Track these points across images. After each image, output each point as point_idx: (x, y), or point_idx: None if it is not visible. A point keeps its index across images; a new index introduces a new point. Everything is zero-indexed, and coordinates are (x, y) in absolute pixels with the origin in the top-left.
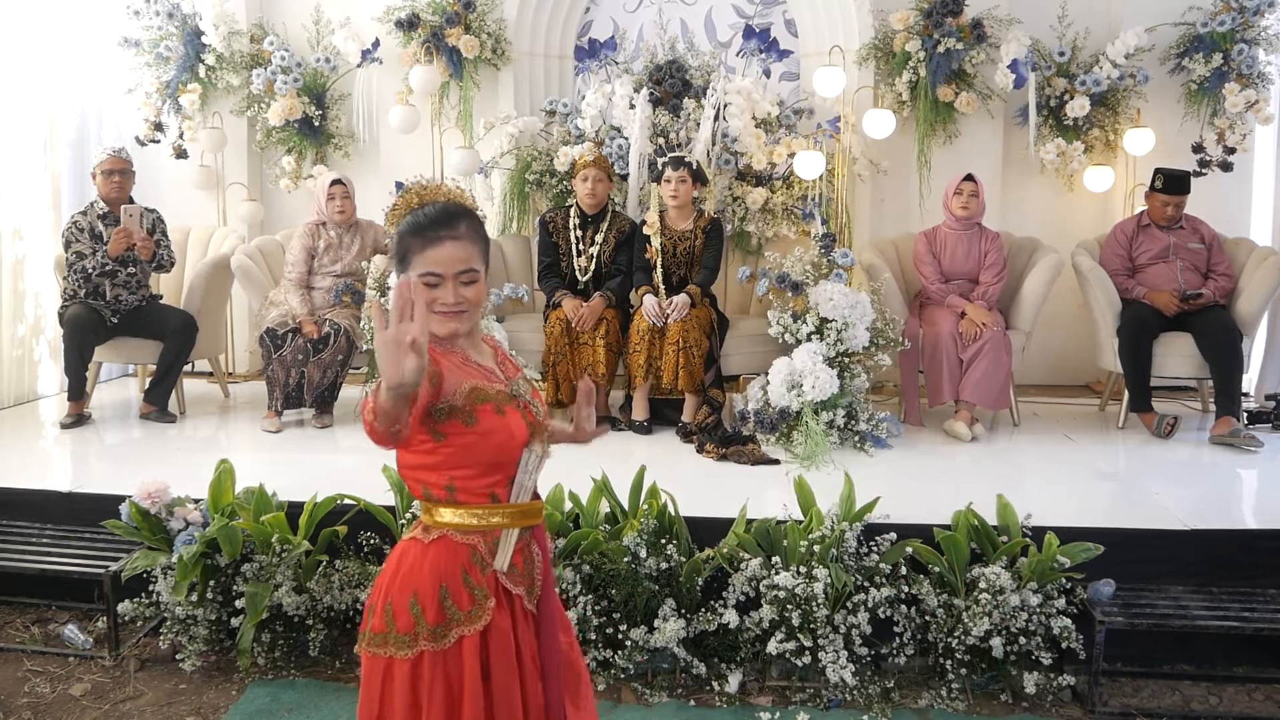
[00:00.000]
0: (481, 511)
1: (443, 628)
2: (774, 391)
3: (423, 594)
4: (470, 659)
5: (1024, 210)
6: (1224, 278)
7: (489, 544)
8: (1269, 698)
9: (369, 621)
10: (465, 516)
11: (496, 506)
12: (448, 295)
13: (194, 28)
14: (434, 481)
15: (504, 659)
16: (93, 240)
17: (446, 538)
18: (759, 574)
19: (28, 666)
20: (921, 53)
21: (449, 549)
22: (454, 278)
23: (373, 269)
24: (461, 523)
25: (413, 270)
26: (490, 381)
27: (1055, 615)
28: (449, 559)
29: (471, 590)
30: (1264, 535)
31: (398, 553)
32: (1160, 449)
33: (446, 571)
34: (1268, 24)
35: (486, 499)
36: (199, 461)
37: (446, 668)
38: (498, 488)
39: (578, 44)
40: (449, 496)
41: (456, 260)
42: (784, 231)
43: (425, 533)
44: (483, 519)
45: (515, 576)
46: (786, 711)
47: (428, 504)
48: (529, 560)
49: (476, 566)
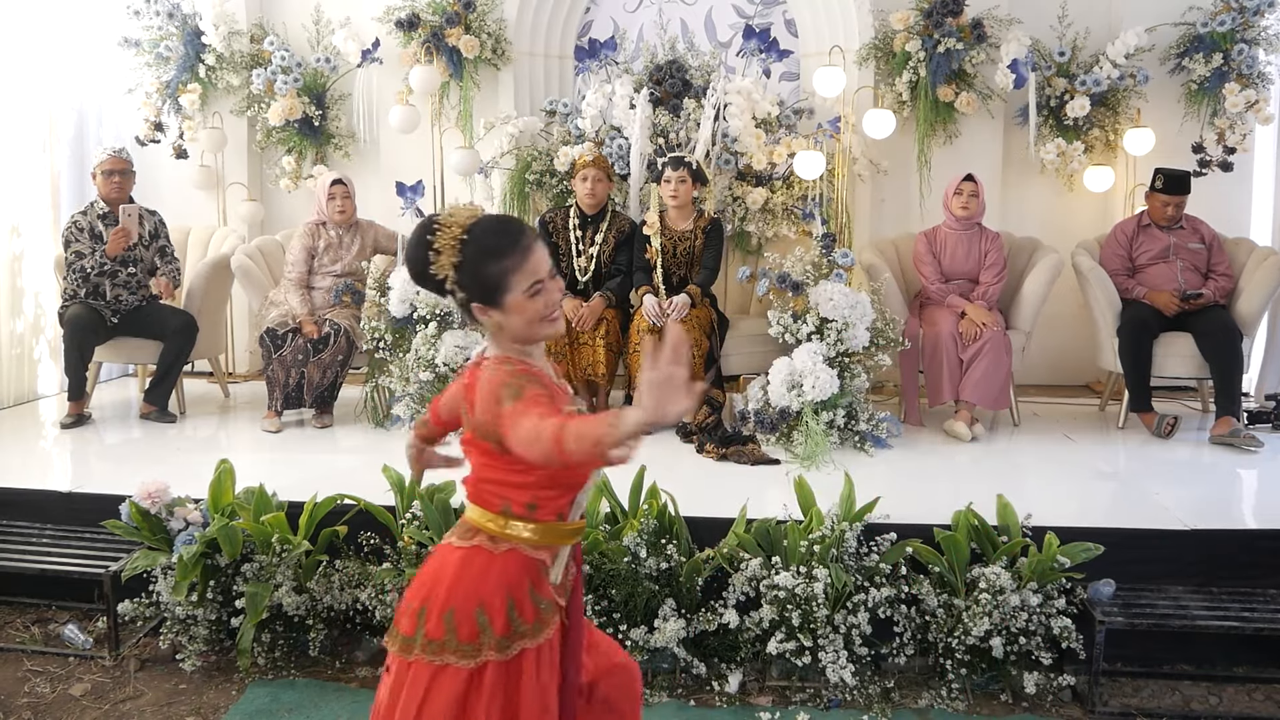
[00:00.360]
0: (561, 528)
1: (507, 639)
2: (774, 391)
3: (490, 605)
4: (530, 670)
5: (1024, 210)
6: (1224, 278)
7: (551, 559)
8: (1269, 698)
9: (417, 625)
10: (539, 533)
11: (562, 524)
12: (554, 294)
13: (194, 28)
14: (518, 499)
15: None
16: (92, 240)
17: (517, 551)
18: (759, 574)
19: (28, 666)
20: (921, 53)
21: (519, 562)
22: (549, 277)
23: (373, 269)
24: (535, 539)
25: (514, 290)
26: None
27: (1055, 615)
28: (518, 572)
29: (538, 604)
30: (1264, 535)
31: (457, 559)
32: (1160, 449)
33: (515, 584)
34: (1268, 24)
35: (556, 516)
36: (199, 461)
37: (507, 679)
38: (565, 508)
39: (578, 44)
40: (529, 513)
41: (546, 259)
42: (784, 231)
43: (493, 543)
44: (554, 536)
45: (559, 589)
46: (786, 711)
47: (501, 517)
48: (567, 574)
49: (545, 580)
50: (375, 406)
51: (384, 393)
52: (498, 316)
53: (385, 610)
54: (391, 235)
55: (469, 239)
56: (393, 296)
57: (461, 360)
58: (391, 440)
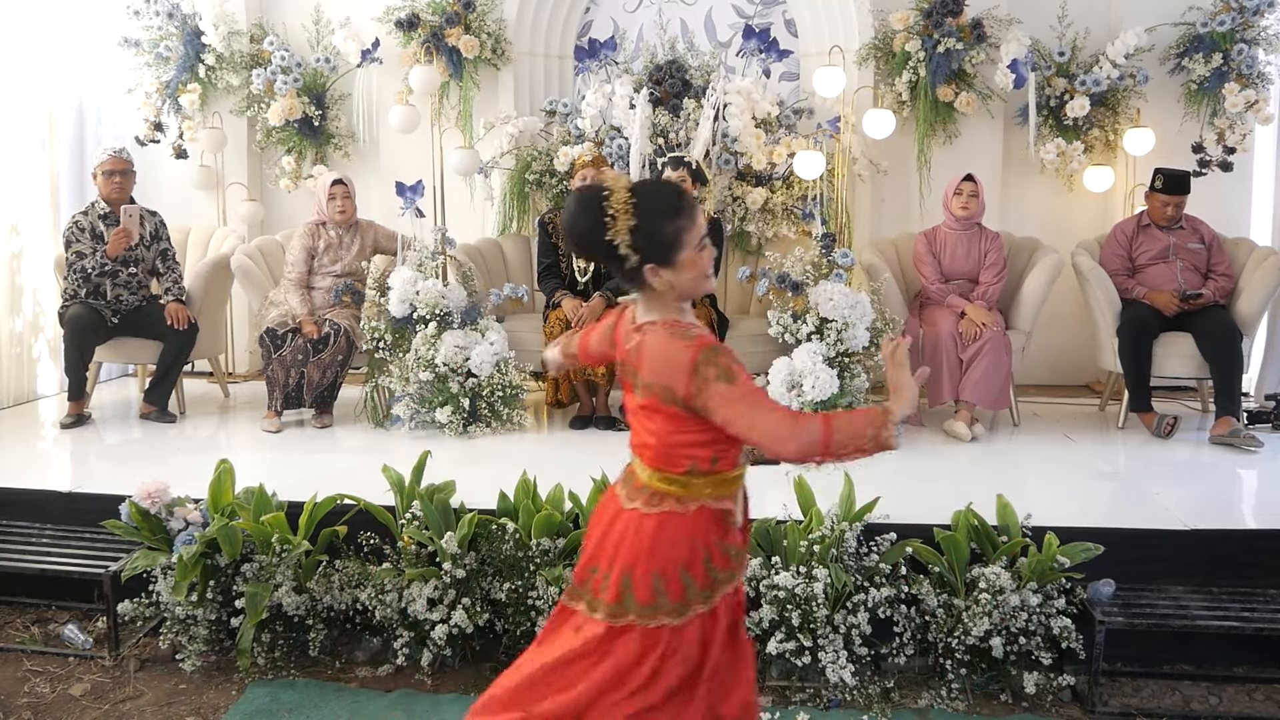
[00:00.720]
0: (732, 475)
1: (709, 590)
2: (774, 391)
3: (691, 564)
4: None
5: (1024, 210)
6: (1224, 278)
7: (732, 503)
8: (1269, 698)
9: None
10: (720, 483)
11: (738, 468)
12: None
13: (194, 28)
14: (704, 455)
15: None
16: (93, 240)
17: (705, 506)
18: (759, 574)
19: (28, 666)
20: (921, 53)
21: (708, 517)
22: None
23: (372, 269)
24: (718, 490)
25: (687, 247)
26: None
27: (1055, 615)
28: (708, 527)
29: (729, 552)
30: (1264, 535)
31: (652, 526)
32: (1160, 449)
33: (707, 537)
34: (1268, 24)
35: (733, 465)
36: (199, 461)
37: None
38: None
39: (578, 44)
40: (712, 467)
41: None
42: (784, 231)
43: (682, 504)
44: (732, 483)
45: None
46: (786, 711)
47: (685, 477)
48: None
49: (730, 528)
50: (375, 406)
51: (384, 393)
52: (668, 275)
53: (385, 610)
54: (391, 235)
55: (639, 202)
56: (392, 296)
57: (462, 360)
58: (391, 440)
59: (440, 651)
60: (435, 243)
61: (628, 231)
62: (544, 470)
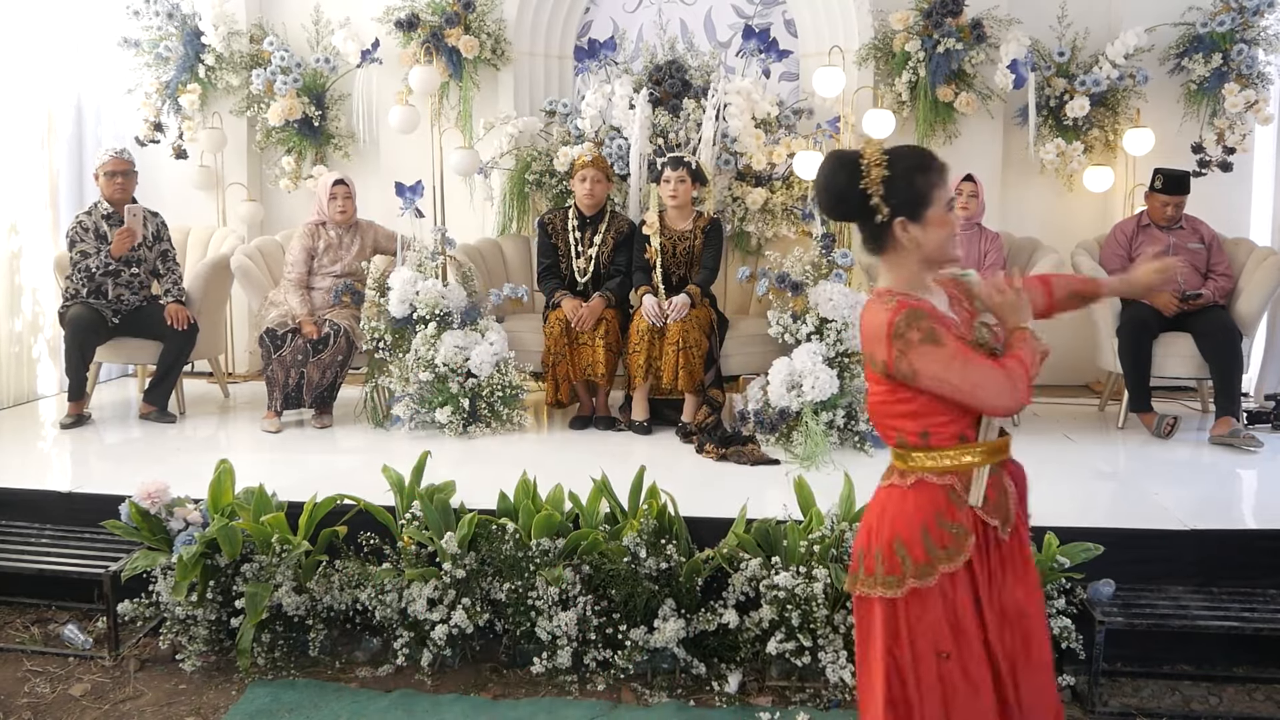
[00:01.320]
0: (953, 453)
1: (927, 566)
2: (774, 392)
3: (906, 537)
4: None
5: (1024, 210)
6: (1224, 278)
7: (964, 482)
8: (1269, 698)
9: (860, 565)
10: (939, 459)
11: (966, 446)
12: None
13: (194, 28)
14: (910, 429)
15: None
16: (97, 240)
17: (924, 481)
18: (759, 574)
19: (28, 666)
20: (921, 53)
21: (927, 492)
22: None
23: (372, 269)
24: (936, 465)
25: (937, 204)
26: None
27: (1055, 615)
28: (928, 501)
29: (948, 529)
30: (1264, 535)
31: (879, 501)
32: (1160, 449)
33: (926, 513)
34: (1267, 24)
35: (956, 440)
36: (199, 461)
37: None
38: (967, 429)
39: (577, 44)
40: (923, 442)
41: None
42: (784, 231)
43: (903, 478)
44: (955, 459)
45: (989, 509)
46: (786, 711)
47: (901, 450)
48: (1002, 493)
49: (955, 505)
50: (375, 407)
51: (384, 393)
52: (916, 232)
53: (385, 610)
54: (391, 235)
55: (892, 156)
56: (392, 297)
57: (462, 360)
58: (391, 440)
59: (440, 652)
60: (435, 243)
61: (880, 182)
62: (544, 470)
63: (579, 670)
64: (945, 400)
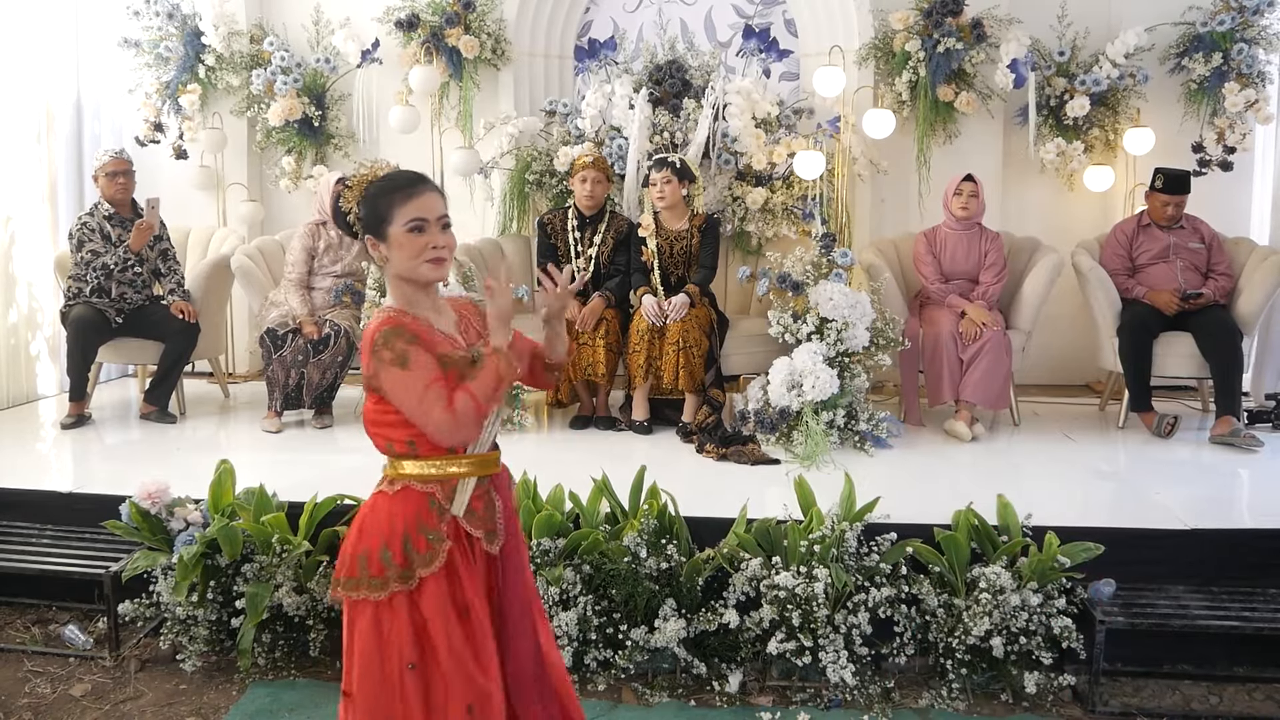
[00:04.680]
0: (440, 462)
1: (407, 570)
2: (774, 391)
3: (390, 541)
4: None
5: (1024, 210)
6: (1224, 277)
7: (446, 492)
8: (1269, 698)
9: (344, 569)
10: (425, 468)
11: (454, 457)
12: (436, 238)
13: (194, 28)
14: (398, 438)
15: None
16: (103, 240)
17: (408, 488)
18: (759, 574)
19: (28, 667)
20: (921, 53)
21: (410, 499)
22: (436, 222)
23: (373, 269)
24: (421, 473)
25: (395, 224)
26: (453, 348)
27: (1055, 615)
28: (411, 508)
29: (426, 535)
30: (1264, 535)
31: (369, 505)
32: (1160, 449)
33: (409, 519)
34: (1267, 24)
35: (445, 451)
36: (199, 462)
37: (410, 606)
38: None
39: (578, 44)
40: (410, 451)
41: (436, 206)
42: (784, 231)
43: (390, 485)
44: (441, 469)
45: (475, 521)
46: (787, 711)
47: (391, 457)
48: (489, 506)
49: (434, 513)
50: None
51: None
52: (385, 250)
53: None
54: None
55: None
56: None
57: None
58: None
59: None
60: None
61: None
62: (544, 470)
63: (580, 670)
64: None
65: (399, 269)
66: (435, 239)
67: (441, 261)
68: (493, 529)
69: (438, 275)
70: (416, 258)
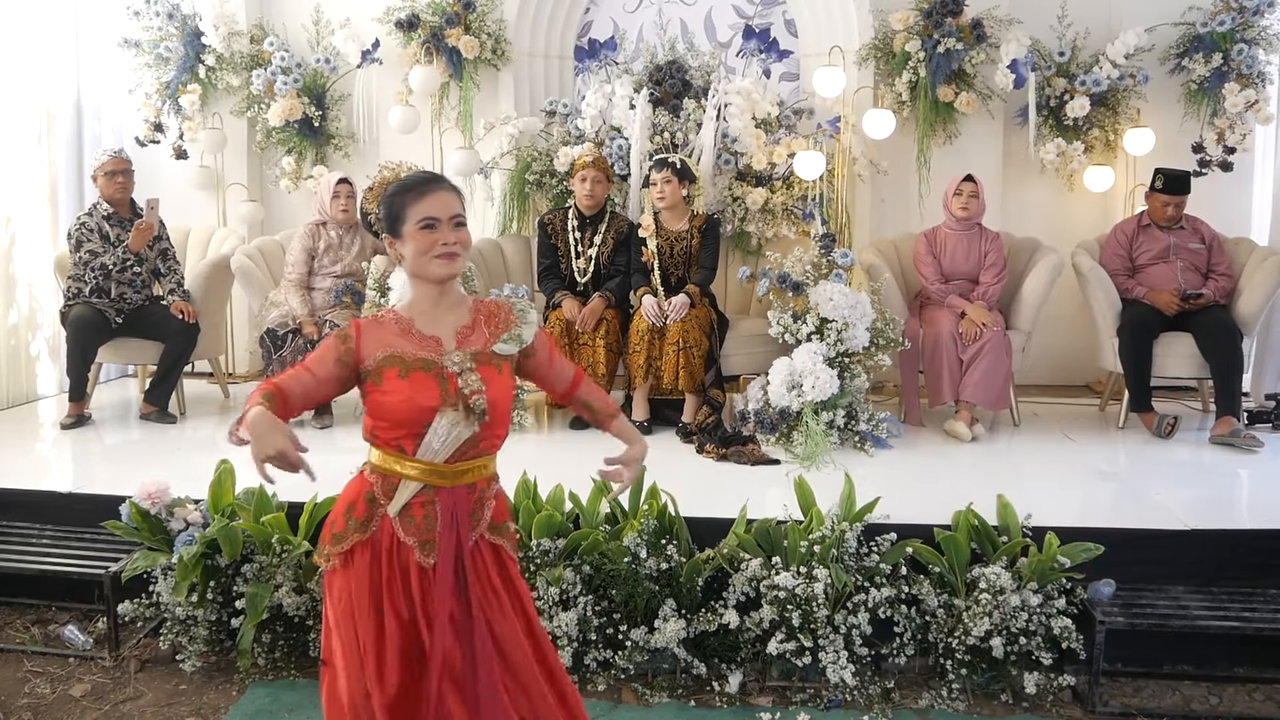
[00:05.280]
0: (388, 459)
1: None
2: (774, 392)
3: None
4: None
5: (1024, 210)
6: (1224, 278)
7: (386, 488)
8: (1269, 698)
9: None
10: (378, 459)
11: (400, 458)
12: (447, 235)
13: (194, 28)
14: (367, 424)
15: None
16: (102, 240)
17: (362, 474)
18: (759, 574)
19: (28, 667)
20: (921, 53)
21: (360, 481)
22: (448, 221)
23: (373, 269)
24: (376, 464)
25: (408, 223)
26: (416, 349)
27: (1055, 615)
28: (356, 489)
29: (348, 520)
30: (1264, 535)
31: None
32: (1160, 449)
33: (353, 498)
34: (1268, 24)
35: (395, 449)
36: (199, 462)
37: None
38: (404, 441)
39: (578, 44)
40: (373, 439)
41: (449, 205)
42: (784, 231)
43: (364, 464)
44: (388, 465)
45: (409, 527)
46: (787, 712)
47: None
48: (429, 517)
49: (366, 503)
50: None
51: None
52: (400, 248)
53: None
54: None
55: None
56: (392, 297)
57: None
58: None
59: None
60: None
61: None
62: (544, 470)
63: (580, 670)
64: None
65: (412, 266)
66: (445, 236)
67: (452, 257)
68: (428, 540)
69: (448, 271)
70: (426, 254)
